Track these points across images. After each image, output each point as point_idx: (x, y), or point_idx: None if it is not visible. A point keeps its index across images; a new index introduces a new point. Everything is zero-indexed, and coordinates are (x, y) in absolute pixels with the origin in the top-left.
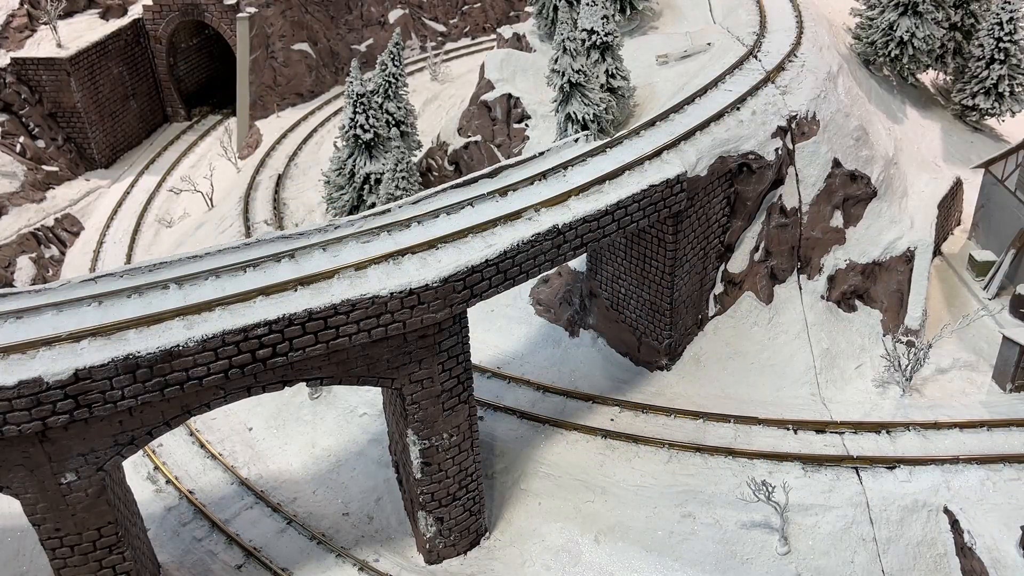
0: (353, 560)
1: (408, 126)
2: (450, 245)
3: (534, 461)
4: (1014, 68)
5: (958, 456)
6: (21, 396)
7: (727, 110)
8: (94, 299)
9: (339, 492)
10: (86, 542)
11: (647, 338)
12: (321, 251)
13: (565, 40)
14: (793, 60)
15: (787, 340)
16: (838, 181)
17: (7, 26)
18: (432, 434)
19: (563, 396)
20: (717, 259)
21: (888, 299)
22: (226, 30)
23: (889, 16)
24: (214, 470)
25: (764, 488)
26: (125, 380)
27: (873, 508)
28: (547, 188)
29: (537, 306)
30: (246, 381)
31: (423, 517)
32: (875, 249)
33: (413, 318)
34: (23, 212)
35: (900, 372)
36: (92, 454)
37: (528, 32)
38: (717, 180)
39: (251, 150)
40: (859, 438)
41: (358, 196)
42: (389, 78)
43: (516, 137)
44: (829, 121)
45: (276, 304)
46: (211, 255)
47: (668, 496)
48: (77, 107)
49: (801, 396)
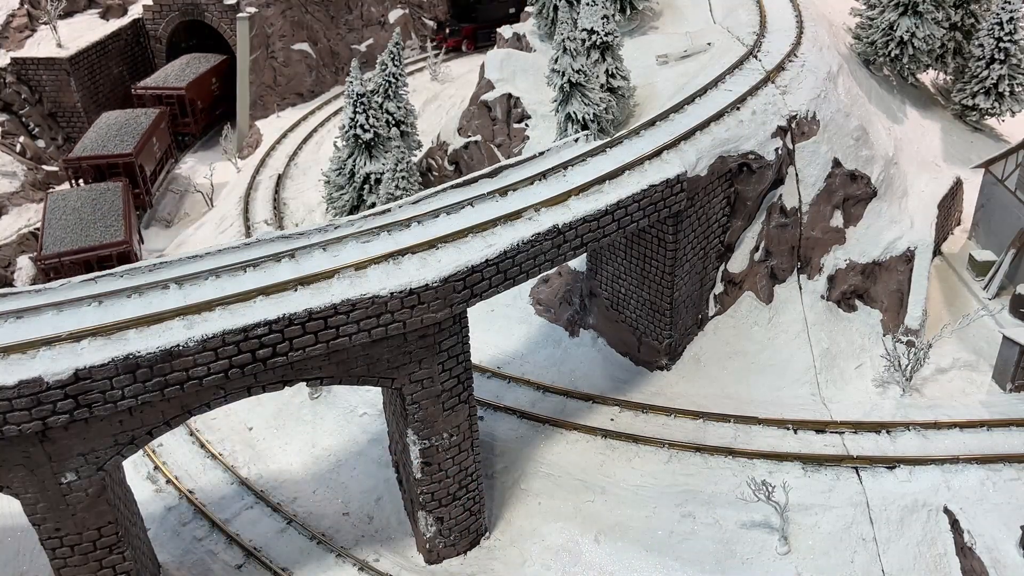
0: (353, 560)
1: (408, 126)
2: (450, 245)
3: (534, 461)
4: (1014, 68)
5: (958, 456)
6: (21, 396)
7: (727, 110)
8: (94, 299)
9: (339, 492)
10: (86, 542)
11: (647, 338)
12: (321, 251)
13: (565, 40)
14: (793, 60)
15: (787, 340)
16: (838, 181)
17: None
18: (432, 434)
19: (563, 396)
20: (717, 259)
21: (888, 299)
22: (226, 30)
23: (889, 16)
24: (214, 470)
25: (764, 488)
26: (125, 380)
27: (873, 508)
28: (547, 188)
29: (537, 306)
30: (246, 381)
31: (423, 517)
32: (875, 249)
33: (413, 318)
34: (23, 212)
35: (900, 372)
36: (92, 454)
37: (528, 32)
38: (717, 180)
39: (251, 150)
40: (859, 438)
41: (358, 196)
42: (389, 78)
43: (516, 137)
44: (829, 121)
45: (276, 304)
46: (211, 255)
47: (668, 496)
48: (77, 107)
49: (801, 396)
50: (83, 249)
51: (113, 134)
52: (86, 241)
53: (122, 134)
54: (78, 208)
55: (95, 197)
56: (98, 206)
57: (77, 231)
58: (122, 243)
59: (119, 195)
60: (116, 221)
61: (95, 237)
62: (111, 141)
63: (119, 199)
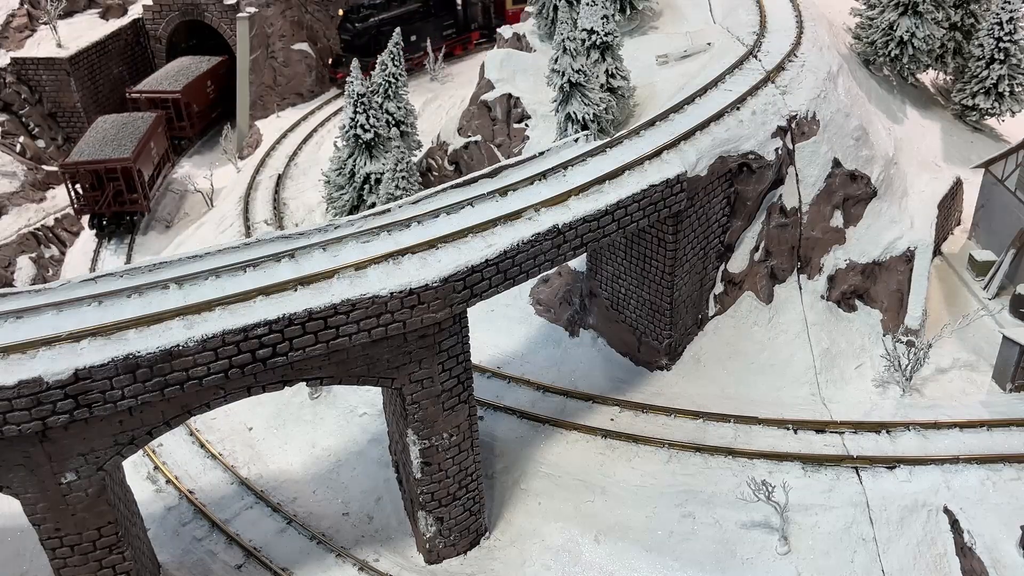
0: (353, 560)
1: (408, 126)
2: (450, 245)
3: (534, 461)
4: (1014, 68)
5: (958, 456)
6: (21, 396)
7: (727, 110)
8: (94, 299)
9: (339, 492)
10: (86, 542)
11: (647, 338)
12: (321, 251)
13: (565, 40)
14: (793, 60)
15: (787, 340)
16: (838, 181)
17: (7, 26)
18: (432, 434)
19: (563, 396)
20: (717, 259)
21: (888, 299)
22: (226, 30)
23: (889, 16)
24: (214, 470)
25: (764, 488)
26: (125, 380)
27: (873, 508)
28: (547, 188)
29: (537, 306)
30: (246, 381)
31: (423, 517)
32: (875, 249)
33: (413, 318)
34: (23, 212)
35: (900, 372)
36: (92, 454)
37: (528, 32)
38: (717, 180)
39: (251, 150)
40: (859, 438)
41: (358, 196)
42: (389, 78)
43: (516, 137)
44: (829, 121)
45: (276, 304)
46: (211, 255)
47: (668, 496)
48: (77, 107)
49: (801, 396)
50: (94, 161)
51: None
52: (99, 155)
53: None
54: (108, 130)
55: (128, 122)
56: (125, 130)
57: (98, 147)
58: (125, 160)
59: (148, 123)
60: (130, 143)
61: (107, 153)
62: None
63: (146, 126)
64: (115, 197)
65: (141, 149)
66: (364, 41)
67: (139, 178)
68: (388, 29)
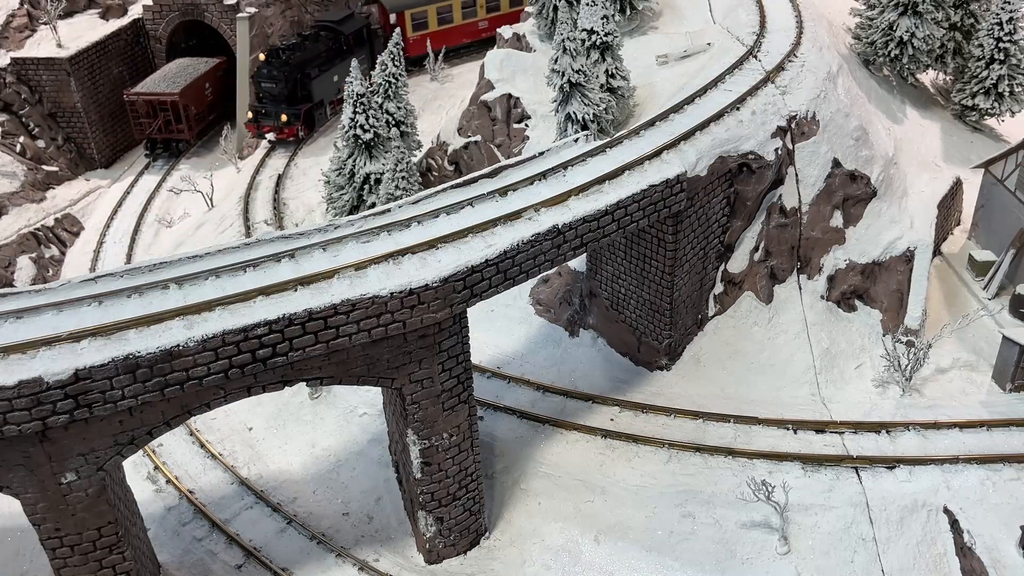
0: (353, 560)
1: (408, 126)
2: (450, 245)
3: (534, 461)
4: (1014, 68)
5: (958, 456)
6: (21, 396)
7: (727, 110)
8: (94, 299)
9: (339, 492)
10: (86, 542)
11: (647, 338)
12: (321, 251)
13: (565, 40)
14: (793, 60)
15: (787, 340)
16: (838, 181)
17: (7, 26)
18: (432, 434)
19: (563, 396)
20: (717, 259)
21: (888, 299)
22: (226, 30)
23: (889, 16)
24: (214, 470)
25: (764, 488)
26: (125, 380)
27: (873, 508)
28: (547, 188)
29: (537, 306)
30: (246, 381)
31: (423, 517)
32: (875, 249)
33: (413, 318)
34: (23, 212)
35: (900, 372)
36: (92, 454)
37: (528, 32)
38: (717, 180)
39: (251, 150)
40: (859, 438)
41: (358, 196)
42: (389, 78)
43: (516, 137)
44: (829, 121)
45: (276, 304)
46: (211, 255)
47: (668, 496)
48: (77, 107)
49: (801, 396)
50: (149, 93)
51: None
52: (155, 89)
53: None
54: (172, 69)
55: (190, 65)
56: (185, 71)
57: (157, 83)
58: (173, 95)
59: (208, 67)
60: (184, 81)
61: (162, 88)
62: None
63: (205, 70)
64: (165, 126)
65: (190, 88)
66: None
67: (185, 111)
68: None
